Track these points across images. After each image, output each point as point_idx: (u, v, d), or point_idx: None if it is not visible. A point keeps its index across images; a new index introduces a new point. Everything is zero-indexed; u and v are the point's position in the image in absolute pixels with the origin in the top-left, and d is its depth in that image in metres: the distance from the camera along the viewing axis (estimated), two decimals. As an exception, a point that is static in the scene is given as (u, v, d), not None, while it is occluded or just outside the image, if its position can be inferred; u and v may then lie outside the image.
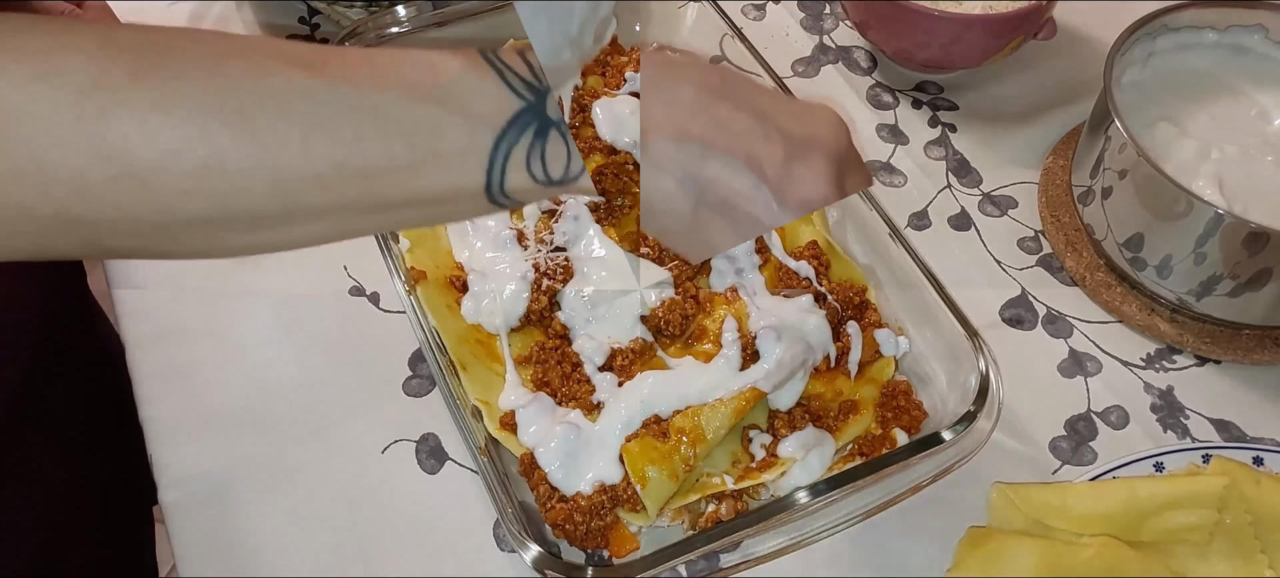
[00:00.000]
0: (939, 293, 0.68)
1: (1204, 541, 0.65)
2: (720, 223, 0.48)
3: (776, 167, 0.47)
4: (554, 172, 0.45)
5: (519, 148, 0.44)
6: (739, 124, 0.47)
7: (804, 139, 0.48)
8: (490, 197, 0.45)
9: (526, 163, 0.44)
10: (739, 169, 0.47)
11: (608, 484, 0.63)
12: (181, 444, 0.69)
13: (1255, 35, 0.82)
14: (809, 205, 0.48)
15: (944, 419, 0.66)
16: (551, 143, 0.44)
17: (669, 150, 0.47)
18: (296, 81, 0.41)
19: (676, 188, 0.47)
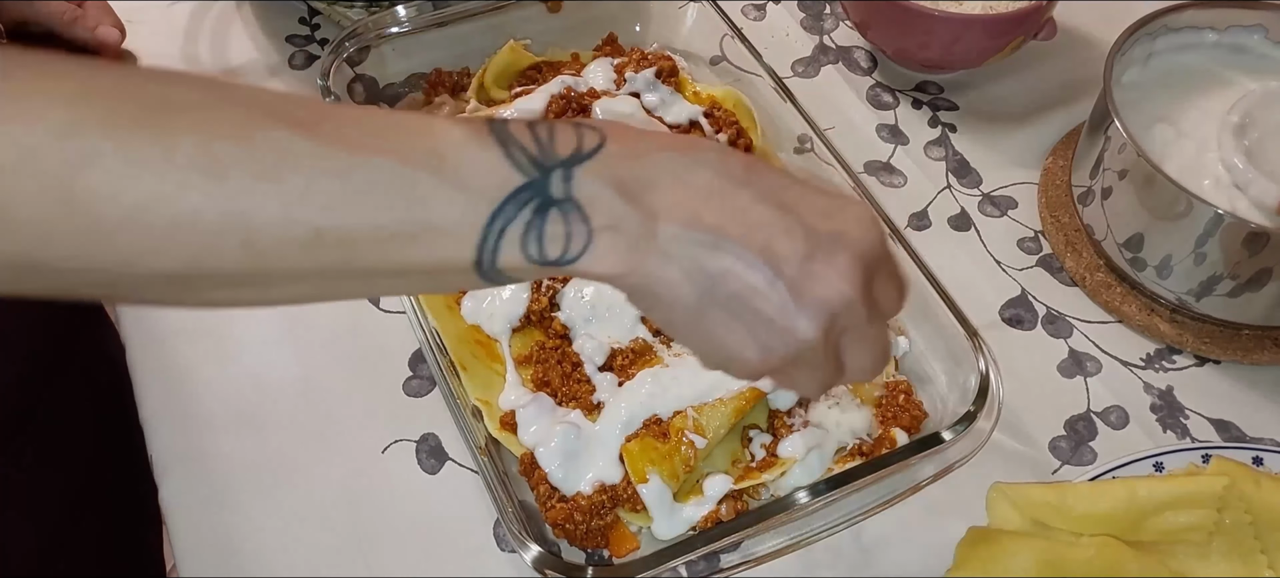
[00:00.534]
0: (939, 293, 0.68)
1: (1204, 541, 0.65)
2: (729, 320, 0.44)
3: (795, 263, 0.43)
4: (551, 252, 0.42)
5: (515, 225, 0.42)
6: (759, 215, 0.44)
7: (829, 235, 0.44)
8: (481, 273, 0.43)
9: (522, 242, 0.42)
10: (754, 263, 0.43)
11: (608, 484, 0.64)
12: (181, 444, 0.69)
13: (1255, 35, 0.82)
14: (827, 307, 0.44)
15: (944, 419, 0.66)
16: (551, 222, 0.42)
17: (679, 237, 0.43)
18: (283, 141, 0.40)
19: (682, 278, 0.43)
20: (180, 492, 0.67)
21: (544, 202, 0.42)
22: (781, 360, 0.45)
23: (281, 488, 0.67)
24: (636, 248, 0.43)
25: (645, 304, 0.45)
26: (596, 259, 0.43)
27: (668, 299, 0.44)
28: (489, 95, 0.85)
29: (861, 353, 0.47)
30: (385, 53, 0.84)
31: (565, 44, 0.89)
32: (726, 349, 0.45)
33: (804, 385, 0.48)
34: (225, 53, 0.92)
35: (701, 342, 0.45)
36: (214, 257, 0.40)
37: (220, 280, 0.41)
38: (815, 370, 0.46)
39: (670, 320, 0.45)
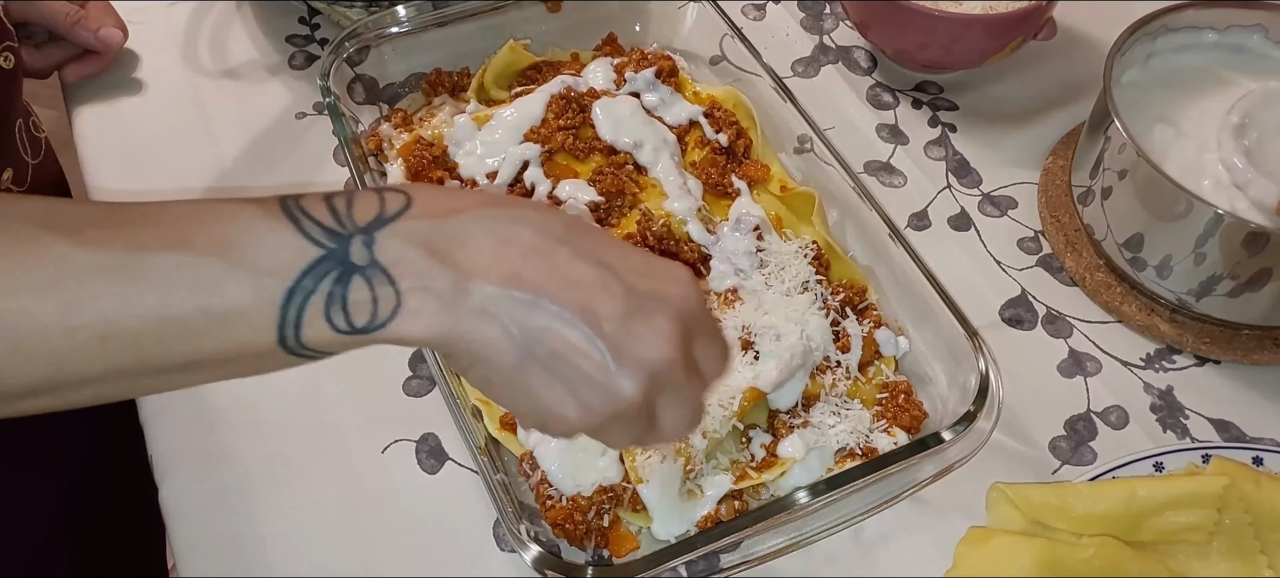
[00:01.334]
0: (939, 293, 0.68)
1: (1203, 541, 0.65)
2: (550, 379, 0.43)
3: (615, 322, 0.43)
4: (357, 320, 0.41)
5: (316, 298, 0.41)
6: (578, 273, 0.44)
7: (648, 294, 0.44)
8: (288, 351, 0.42)
9: (326, 314, 0.41)
10: (574, 322, 0.43)
11: (608, 484, 0.64)
12: (181, 444, 0.69)
13: (1255, 35, 0.82)
14: (647, 367, 0.44)
15: (944, 419, 0.66)
16: (354, 290, 0.41)
17: (496, 296, 0.42)
18: (55, 251, 0.39)
19: (501, 337, 0.42)
20: (180, 492, 0.67)
21: (345, 271, 0.41)
22: (601, 419, 0.44)
23: (281, 488, 0.67)
24: (450, 308, 0.42)
25: (462, 365, 0.44)
26: (408, 322, 0.42)
27: (486, 359, 0.43)
28: (489, 95, 0.85)
29: (676, 412, 0.46)
30: (385, 53, 0.84)
31: (565, 44, 0.89)
32: (546, 407, 0.44)
33: (616, 440, 0.47)
34: (225, 53, 0.92)
35: (520, 400, 0.44)
36: (6, 376, 0.39)
37: (17, 392, 0.40)
38: (630, 426, 0.45)
39: (488, 379, 0.44)
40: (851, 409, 0.68)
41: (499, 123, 0.79)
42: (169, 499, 0.67)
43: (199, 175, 0.83)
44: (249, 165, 0.84)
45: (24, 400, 0.41)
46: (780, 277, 0.72)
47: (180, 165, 0.83)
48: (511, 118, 0.79)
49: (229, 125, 0.86)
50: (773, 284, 0.72)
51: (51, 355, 0.40)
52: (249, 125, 0.86)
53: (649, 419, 0.46)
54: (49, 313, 0.39)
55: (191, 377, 0.43)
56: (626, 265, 0.45)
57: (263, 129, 0.87)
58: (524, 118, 0.79)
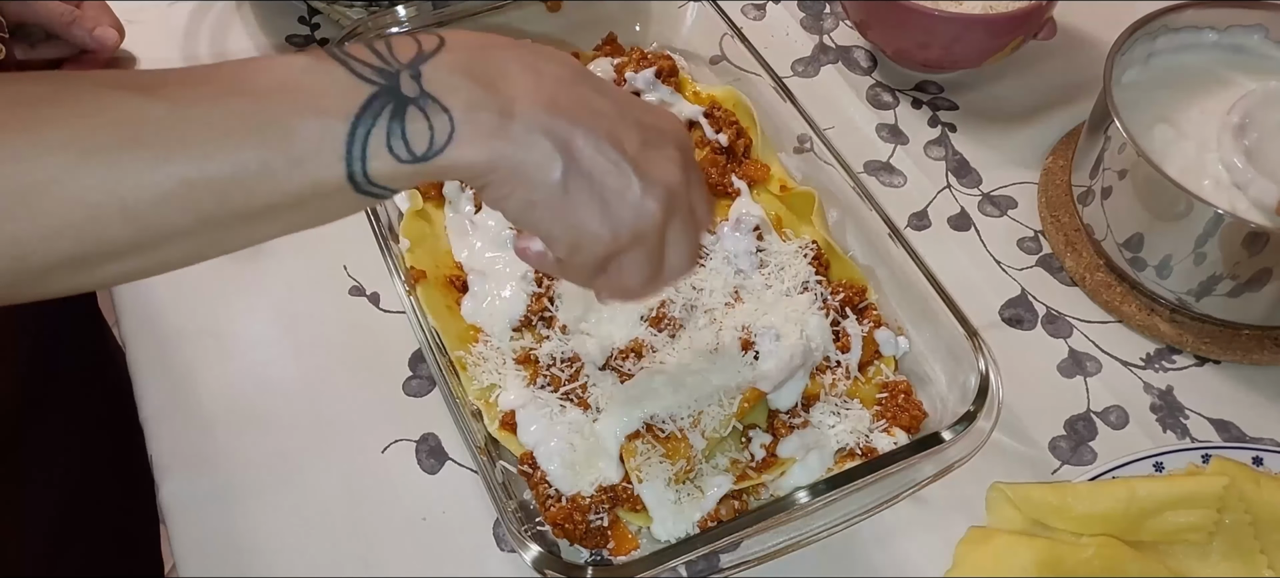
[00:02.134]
0: (939, 293, 0.68)
1: (1203, 541, 0.65)
2: (588, 198, 0.47)
3: (635, 147, 0.48)
4: (417, 148, 0.44)
5: (376, 132, 0.43)
6: (600, 105, 0.48)
7: (654, 128, 0.50)
8: (356, 188, 0.44)
9: (387, 146, 0.44)
10: (603, 145, 0.47)
11: (608, 484, 0.64)
12: (181, 444, 0.69)
13: (1255, 35, 0.82)
14: (664, 187, 0.49)
15: (944, 419, 0.66)
16: (411, 121, 0.44)
17: (539, 119, 0.46)
18: (135, 106, 0.42)
19: (547, 157, 0.46)
20: (180, 492, 0.67)
21: (399, 103, 0.44)
22: (629, 237, 0.48)
23: (281, 488, 0.67)
24: (500, 131, 0.45)
25: (508, 189, 0.47)
26: (463, 147, 0.44)
27: (533, 179, 0.46)
28: (489, 95, 0.85)
29: (680, 245, 0.51)
30: (385, 52, 0.84)
31: (565, 44, 0.89)
32: (583, 227, 0.48)
33: (633, 273, 0.50)
34: (225, 52, 0.92)
35: (559, 220, 0.48)
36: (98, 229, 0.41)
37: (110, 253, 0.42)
38: (649, 255, 0.50)
39: (532, 202, 0.47)
40: (851, 409, 0.68)
41: (499, 123, 0.79)
42: (169, 499, 0.67)
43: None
44: (249, 165, 0.84)
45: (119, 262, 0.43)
46: (780, 277, 0.73)
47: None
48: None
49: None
50: (773, 284, 0.72)
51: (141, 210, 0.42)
52: (249, 125, 0.86)
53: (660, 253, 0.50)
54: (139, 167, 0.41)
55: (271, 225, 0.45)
56: (631, 104, 0.50)
57: (263, 129, 0.86)
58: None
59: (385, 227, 0.73)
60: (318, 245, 0.79)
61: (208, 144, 0.42)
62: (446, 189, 0.77)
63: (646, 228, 0.49)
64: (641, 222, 0.48)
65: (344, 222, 0.80)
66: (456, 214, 0.77)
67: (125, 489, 0.97)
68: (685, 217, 0.51)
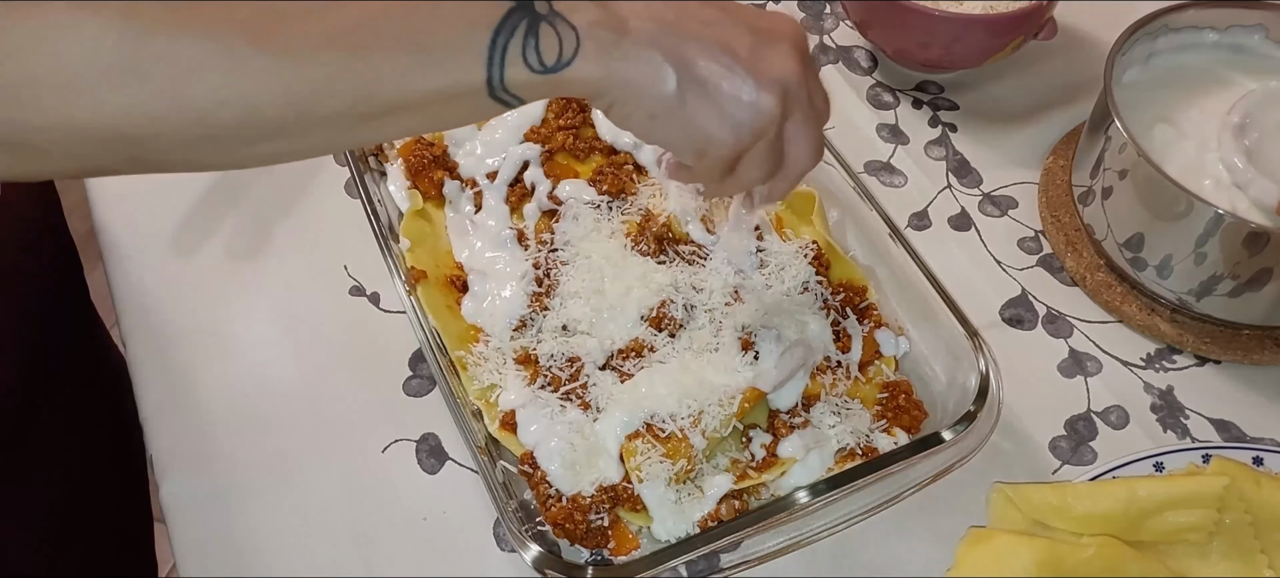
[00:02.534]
0: (939, 293, 0.68)
1: (1204, 541, 0.65)
2: (705, 104, 0.50)
3: (747, 50, 0.50)
4: (548, 59, 0.47)
5: (514, 42, 0.47)
6: (708, 15, 0.51)
7: (767, 31, 0.52)
8: (491, 92, 0.48)
9: (523, 55, 0.47)
10: (715, 50, 0.50)
11: (608, 484, 0.64)
12: (181, 444, 0.69)
13: (1255, 35, 0.82)
14: (782, 82, 0.51)
15: (944, 419, 0.66)
16: (543, 35, 0.47)
17: (651, 32, 0.49)
18: (302, 9, 0.46)
19: (660, 67, 0.49)
20: (180, 492, 0.67)
21: (533, 18, 0.47)
22: (751, 135, 0.51)
23: (281, 488, 0.67)
24: (618, 45, 0.48)
25: (630, 105, 0.50)
26: (586, 62, 0.48)
27: (650, 91, 0.49)
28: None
29: (802, 138, 0.54)
30: (385, 52, 0.84)
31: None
32: (705, 132, 0.51)
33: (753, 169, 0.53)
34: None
35: (682, 128, 0.51)
36: (262, 105, 0.45)
37: (269, 130, 0.46)
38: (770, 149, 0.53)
39: (653, 114, 0.50)
40: (851, 409, 0.68)
41: (499, 123, 0.79)
42: (168, 499, 0.67)
43: (199, 175, 0.83)
44: (249, 165, 0.84)
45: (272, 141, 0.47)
46: (780, 277, 0.72)
47: (180, 165, 0.83)
48: (512, 118, 0.79)
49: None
50: (773, 284, 0.72)
51: (302, 91, 0.45)
52: (249, 125, 0.86)
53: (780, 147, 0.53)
54: (303, 47, 0.45)
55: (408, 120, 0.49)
56: (741, 10, 0.52)
57: (263, 129, 0.86)
58: (524, 118, 0.79)
59: (385, 227, 0.73)
60: (318, 245, 0.79)
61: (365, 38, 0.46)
62: (447, 189, 0.77)
63: (766, 124, 0.51)
64: (760, 119, 0.51)
65: (344, 222, 0.81)
66: (456, 214, 0.77)
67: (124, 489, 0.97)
68: (805, 110, 0.53)
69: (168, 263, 0.78)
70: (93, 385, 0.93)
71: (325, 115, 0.46)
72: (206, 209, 0.81)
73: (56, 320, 0.88)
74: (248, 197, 0.82)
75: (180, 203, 0.81)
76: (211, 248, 0.79)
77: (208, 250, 0.79)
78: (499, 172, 0.77)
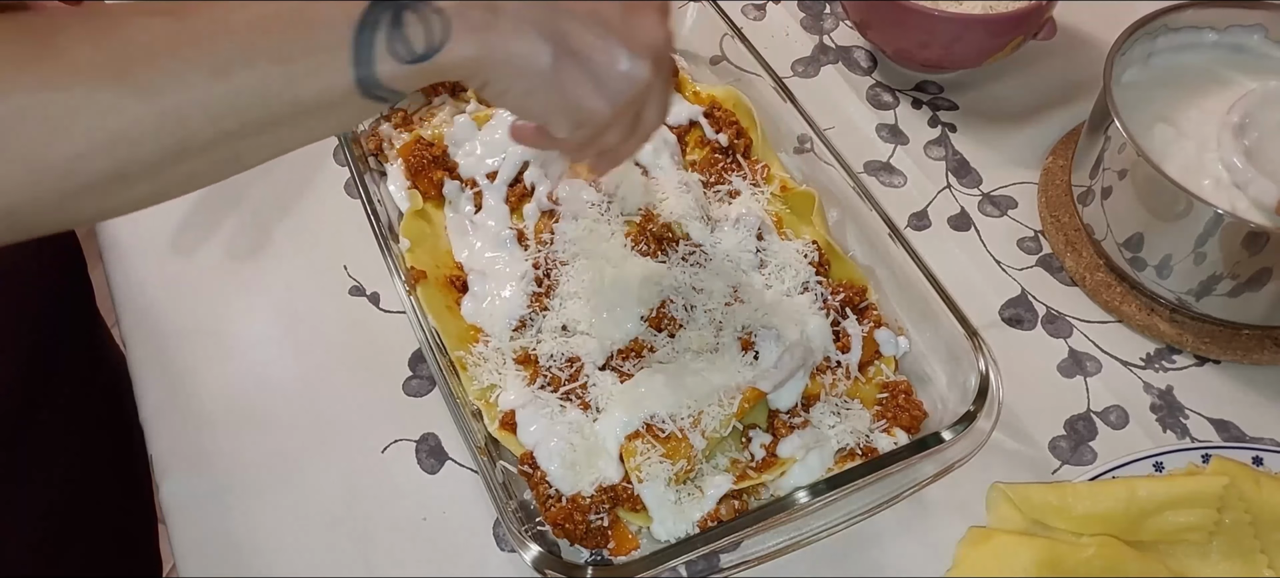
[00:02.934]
0: (939, 293, 0.68)
1: (1204, 541, 0.65)
2: (579, 76, 0.50)
3: (617, 19, 0.50)
4: (418, 47, 0.46)
5: (380, 36, 0.46)
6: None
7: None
8: (365, 91, 0.47)
9: (390, 48, 0.46)
10: (587, 21, 0.49)
11: (608, 484, 0.64)
12: (181, 444, 0.69)
13: (1255, 35, 0.82)
14: (652, 49, 0.51)
15: (944, 419, 0.66)
16: (408, 24, 0.46)
17: (522, 10, 0.48)
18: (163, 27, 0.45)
19: (535, 43, 0.48)
20: (180, 492, 0.67)
21: (397, 9, 0.46)
22: (625, 106, 0.51)
23: (281, 488, 0.67)
24: (490, 26, 0.48)
25: (506, 81, 0.49)
26: (458, 43, 0.47)
27: (527, 68, 0.49)
28: (489, 95, 0.85)
29: (657, 103, 0.54)
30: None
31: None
32: (581, 103, 0.51)
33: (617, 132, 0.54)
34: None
35: (559, 101, 0.50)
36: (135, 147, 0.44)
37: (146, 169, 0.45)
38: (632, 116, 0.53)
39: (530, 90, 0.50)
40: (851, 409, 0.68)
41: (499, 122, 0.79)
42: (169, 499, 0.67)
43: (199, 175, 0.83)
44: (249, 165, 0.84)
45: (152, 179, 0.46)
46: (780, 277, 0.73)
47: (180, 165, 0.83)
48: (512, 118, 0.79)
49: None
50: (773, 284, 0.72)
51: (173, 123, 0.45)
52: (249, 125, 0.86)
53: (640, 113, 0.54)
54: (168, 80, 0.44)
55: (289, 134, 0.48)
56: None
57: (263, 129, 0.86)
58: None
59: (385, 227, 0.73)
60: (318, 245, 0.79)
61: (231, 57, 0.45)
62: (447, 189, 0.77)
63: (641, 91, 0.51)
64: (635, 87, 0.51)
65: (344, 222, 0.80)
66: (456, 214, 0.77)
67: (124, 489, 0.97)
68: (666, 74, 0.54)
69: (168, 263, 0.78)
70: (93, 385, 0.93)
71: (202, 143, 0.46)
72: (206, 209, 0.81)
73: (57, 320, 0.88)
74: (248, 197, 0.82)
75: (180, 203, 0.81)
76: (211, 248, 0.79)
77: (208, 250, 0.79)
78: (499, 171, 0.77)
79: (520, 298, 0.71)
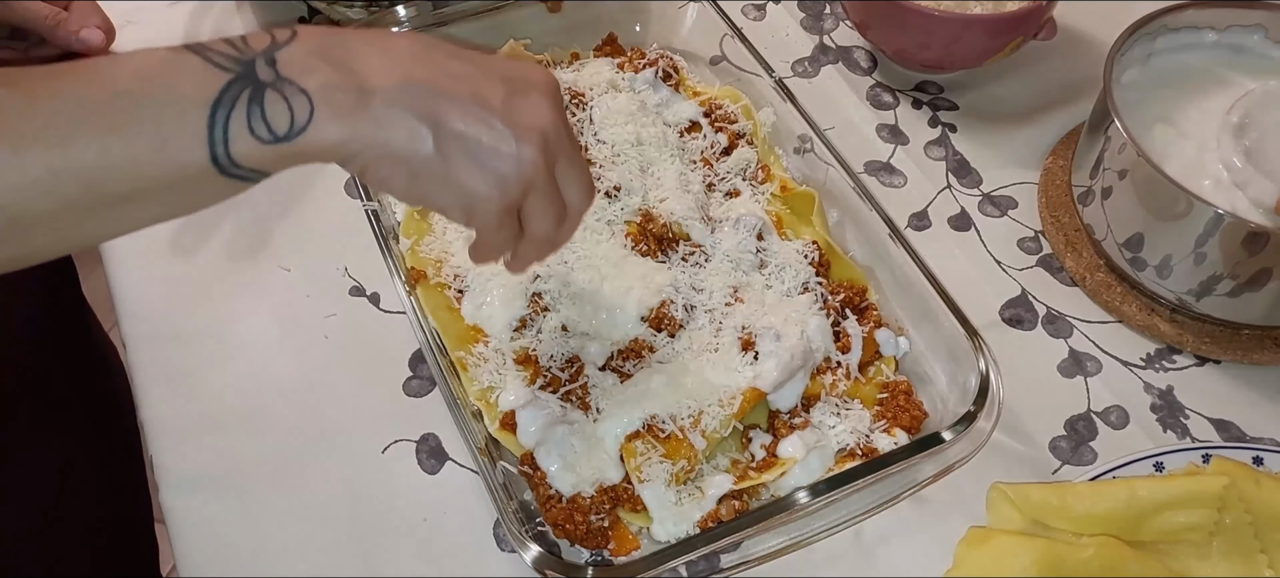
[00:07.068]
0: (939, 293, 0.68)
1: (1204, 541, 0.65)
2: (464, 162, 0.48)
3: (500, 100, 0.49)
4: (278, 129, 0.45)
5: (236, 115, 0.45)
6: (458, 69, 0.49)
7: (518, 79, 0.51)
8: (222, 170, 0.45)
9: (249, 128, 0.45)
10: (467, 104, 0.48)
11: (608, 484, 0.64)
12: (181, 444, 0.69)
13: (1255, 35, 0.82)
14: (539, 130, 0.50)
15: (944, 419, 0.66)
16: (269, 104, 0.45)
17: (398, 93, 0.47)
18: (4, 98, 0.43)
19: (414, 126, 0.47)
20: (180, 492, 0.67)
21: (257, 87, 0.45)
22: (518, 190, 0.50)
23: (281, 488, 0.67)
24: (361, 109, 0.46)
25: (386, 168, 0.48)
26: (323, 126, 0.46)
27: (405, 153, 0.47)
28: (489, 95, 0.85)
29: (574, 181, 0.53)
30: (385, 53, 0.84)
31: (565, 44, 0.89)
32: (469, 189, 0.49)
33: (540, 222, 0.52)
34: (225, 53, 0.91)
35: (446, 188, 0.49)
36: None
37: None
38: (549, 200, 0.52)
39: (414, 175, 0.48)
40: (851, 409, 0.68)
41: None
42: (169, 500, 0.67)
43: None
44: (249, 165, 0.84)
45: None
46: (780, 277, 0.73)
47: (180, 165, 0.83)
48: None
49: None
50: (773, 284, 0.72)
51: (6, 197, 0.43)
52: (249, 125, 0.86)
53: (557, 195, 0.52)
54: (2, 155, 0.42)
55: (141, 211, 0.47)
56: (490, 61, 0.51)
57: (263, 129, 0.86)
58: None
59: (385, 227, 0.73)
60: (318, 246, 0.79)
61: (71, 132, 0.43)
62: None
63: (531, 174, 0.50)
64: (524, 169, 0.49)
65: (344, 222, 0.81)
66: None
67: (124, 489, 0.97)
68: (568, 154, 0.52)
69: (168, 264, 0.78)
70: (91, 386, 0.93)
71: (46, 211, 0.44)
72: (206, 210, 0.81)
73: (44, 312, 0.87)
74: (248, 197, 0.81)
75: (180, 203, 0.82)
76: (211, 248, 0.79)
77: (208, 250, 0.79)
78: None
79: (520, 298, 0.71)
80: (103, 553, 0.95)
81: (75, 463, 0.90)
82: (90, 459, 0.92)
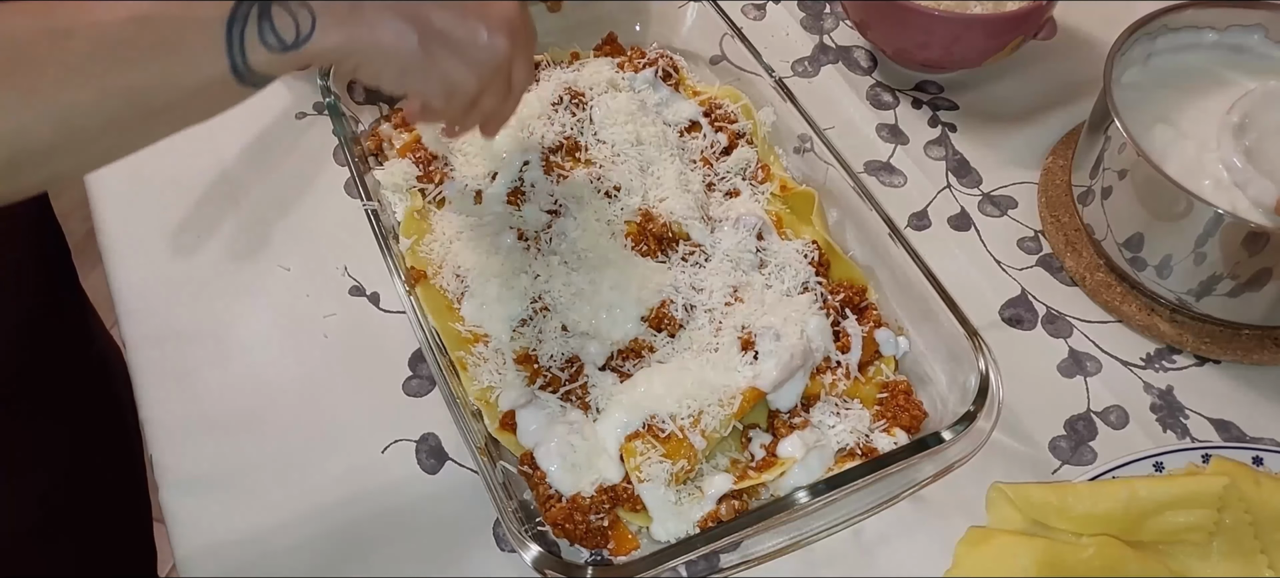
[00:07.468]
0: (939, 293, 0.68)
1: (1204, 541, 0.65)
2: (446, 54, 0.55)
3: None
4: (286, 37, 0.51)
5: (249, 28, 0.50)
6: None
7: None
8: (241, 79, 0.51)
9: (261, 39, 0.50)
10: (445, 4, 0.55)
11: (608, 484, 0.64)
12: (181, 444, 0.69)
13: (1255, 35, 0.82)
14: (507, 22, 0.57)
15: (944, 419, 0.66)
16: (276, 16, 0.50)
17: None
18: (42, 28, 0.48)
19: (401, 28, 0.53)
20: (180, 492, 0.67)
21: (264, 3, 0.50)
22: (490, 73, 0.57)
23: (281, 488, 0.67)
24: (354, 17, 0.52)
25: (379, 65, 0.55)
26: (326, 33, 0.51)
27: (396, 51, 0.54)
28: (489, 95, 0.85)
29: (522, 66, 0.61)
30: (385, 53, 0.84)
31: (565, 44, 0.89)
32: (451, 77, 0.56)
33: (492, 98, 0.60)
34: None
35: (431, 78, 0.56)
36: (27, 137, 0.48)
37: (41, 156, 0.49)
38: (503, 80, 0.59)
39: (404, 70, 0.55)
40: (851, 409, 0.68)
41: (499, 123, 0.79)
42: (169, 499, 0.67)
43: (199, 173, 0.83)
44: (249, 165, 0.84)
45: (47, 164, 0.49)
46: (780, 277, 0.73)
47: (180, 164, 0.83)
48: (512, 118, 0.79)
49: (229, 125, 0.86)
50: (773, 284, 0.72)
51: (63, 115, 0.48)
52: (249, 125, 0.86)
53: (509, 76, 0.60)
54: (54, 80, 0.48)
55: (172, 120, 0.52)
56: None
57: (263, 129, 0.87)
58: (525, 117, 0.79)
59: (385, 226, 0.73)
60: (318, 245, 0.79)
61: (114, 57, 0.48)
62: (447, 189, 0.77)
63: (502, 61, 0.58)
64: (497, 57, 0.57)
65: (344, 222, 0.81)
66: (457, 214, 0.77)
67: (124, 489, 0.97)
68: (525, 41, 0.60)
69: (168, 263, 0.78)
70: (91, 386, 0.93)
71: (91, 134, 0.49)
72: (206, 209, 0.81)
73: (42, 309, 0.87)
74: (248, 197, 0.82)
75: (180, 203, 0.82)
76: (211, 248, 0.79)
77: (208, 250, 0.79)
78: (498, 173, 0.77)
79: (520, 298, 0.71)
80: (103, 553, 0.95)
81: (75, 463, 0.90)
82: (90, 459, 0.92)
